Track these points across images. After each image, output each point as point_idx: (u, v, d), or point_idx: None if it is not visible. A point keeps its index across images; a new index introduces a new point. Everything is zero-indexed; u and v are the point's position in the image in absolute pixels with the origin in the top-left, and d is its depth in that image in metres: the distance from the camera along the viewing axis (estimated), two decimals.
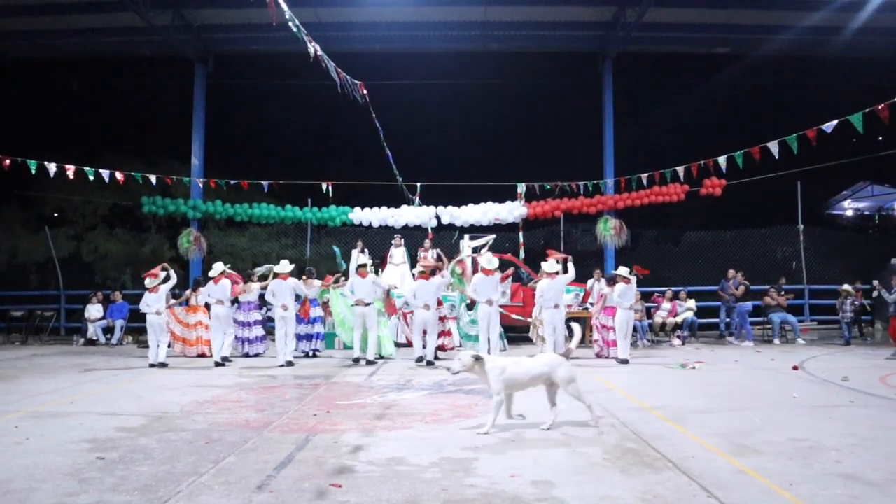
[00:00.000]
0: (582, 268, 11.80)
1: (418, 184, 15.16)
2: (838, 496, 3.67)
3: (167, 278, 10.30)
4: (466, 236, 13.81)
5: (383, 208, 15.25)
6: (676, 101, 19.10)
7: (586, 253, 15.61)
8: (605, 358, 10.46)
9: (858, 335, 13.67)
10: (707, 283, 14.77)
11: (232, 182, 14.92)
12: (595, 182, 15.04)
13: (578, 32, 15.26)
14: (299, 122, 20.57)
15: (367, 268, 10.42)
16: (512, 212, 14.99)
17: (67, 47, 15.85)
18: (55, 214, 18.31)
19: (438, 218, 15.04)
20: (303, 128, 20.87)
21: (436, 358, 10.00)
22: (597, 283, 11.82)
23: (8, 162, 11.78)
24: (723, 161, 12.05)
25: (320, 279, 11.70)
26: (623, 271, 10.27)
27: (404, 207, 15.23)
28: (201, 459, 4.51)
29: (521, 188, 15.08)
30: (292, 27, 7.95)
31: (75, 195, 17.09)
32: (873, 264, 14.46)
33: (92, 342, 13.71)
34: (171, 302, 11.03)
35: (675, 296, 13.77)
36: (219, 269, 10.38)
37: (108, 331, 13.96)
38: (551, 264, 9.96)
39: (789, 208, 15.68)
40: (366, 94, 10.86)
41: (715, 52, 16.27)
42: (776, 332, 13.28)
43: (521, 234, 15.08)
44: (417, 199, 15.21)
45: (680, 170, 13.49)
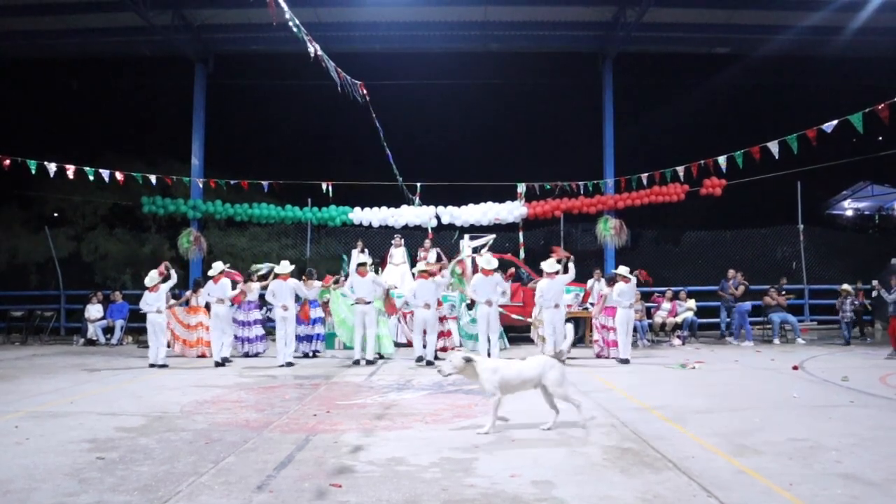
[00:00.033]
0: (582, 268, 11.79)
1: (418, 184, 15.16)
2: (838, 496, 3.67)
3: (167, 277, 10.32)
4: (466, 236, 13.81)
5: (383, 208, 15.25)
6: (676, 101, 19.10)
7: (586, 253, 15.59)
8: (605, 358, 10.45)
9: (858, 335, 13.67)
10: (707, 283, 14.78)
11: (232, 182, 14.92)
12: (595, 182, 15.04)
13: (578, 32, 15.26)
14: (299, 122, 20.58)
15: (366, 266, 10.42)
16: (512, 212, 14.99)
17: (67, 47, 15.85)
18: (55, 214, 18.33)
19: (438, 218, 15.04)
20: (303, 128, 20.88)
21: (436, 358, 10.01)
22: (597, 283, 11.80)
23: (8, 162, 11.79)
24: (723, 161, 12.06)
25: (320, 280, 11.71)
26: (623, 270, 10.25)
27: (404, 207, 15.22)
28: (201, 459, 4.52)
29: (521, 188, 15.09)
30: (292, 27, 7.96)
31: (75, 195, 17.11)
32: (873, 264, 14.46)
33: (92, 342, 13.71)
34: (172, 302, 11.04)
35: (675, 296, 13.78)
36: (218, 268, 10.38)
37: (108, 331, 13.97)
38: (551, 263, 9.93)
39: (789, 208, 15.68)
40: (366, 94, 10.87)
41: (715, 52, 16.28)
42: (776, 332, 13.28)
43: (521, 234, 15.08)
44: (417, 199, 15.21)
45: (680, 170, 13.50)
